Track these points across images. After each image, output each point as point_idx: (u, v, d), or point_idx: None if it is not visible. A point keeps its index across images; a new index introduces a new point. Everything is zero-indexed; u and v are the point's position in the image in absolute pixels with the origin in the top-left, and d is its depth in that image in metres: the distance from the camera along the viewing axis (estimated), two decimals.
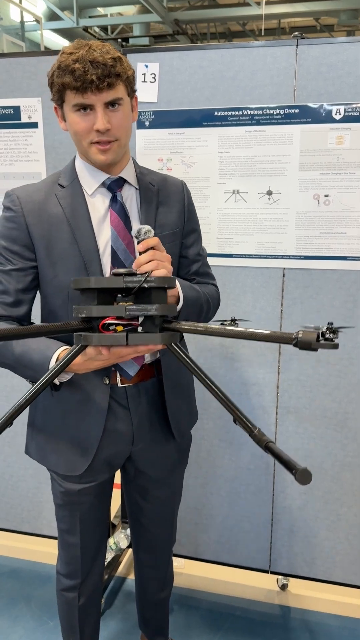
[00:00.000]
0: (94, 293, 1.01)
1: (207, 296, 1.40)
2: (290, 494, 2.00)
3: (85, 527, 1.45)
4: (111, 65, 1.13)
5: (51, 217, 1.27)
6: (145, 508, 1.53)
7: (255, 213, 1.82)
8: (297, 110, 1.72)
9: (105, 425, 1.33)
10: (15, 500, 2.28)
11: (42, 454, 1.42)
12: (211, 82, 1.77)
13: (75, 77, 1.12)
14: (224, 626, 1.98)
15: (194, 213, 1.45)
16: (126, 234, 1.28)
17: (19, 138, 1.94)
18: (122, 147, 1.24)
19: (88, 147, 1.21)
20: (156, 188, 1.35)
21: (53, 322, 1.33)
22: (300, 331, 0.89)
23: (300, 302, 1.85)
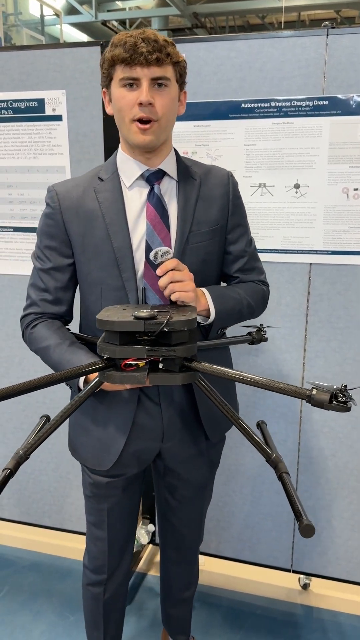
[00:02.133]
0: (116, 334, 1.03)
1: (249, 299, 1.35)
2: (314, 493, 1.98)
3: (113, 521, 1.45)
4: (162, 44, 1.14)
5: (87, 213, 1.26)
6: (173, 506, 1.51)
7: (281, 207, 1.79)
8: (327, 102, 1.69)
9: (135, 419, 1.32)
10: (37, 494, 2.29)
11: (73, 446, 1.43)
12: (238, 74, 1.74)
13: (125, 48, 1.12)
14: (245, 625, 1.96)
15: (240, 207, 1.39)
16: (162, 229, 1.25)
17: (42, 131, 1.93)
18: (162, 130, 1.20)
19: (129, 126, 1.18)
20: (198, 181, 1.31)
21: (89, 319, 1.33)
22: (314, 389, 0.94)
23: (328, 298, 1.81)
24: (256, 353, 1.93)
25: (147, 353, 1.03)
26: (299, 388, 0.97)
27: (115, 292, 1.26)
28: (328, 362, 1.86)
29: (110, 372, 1.06)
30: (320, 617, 2.00)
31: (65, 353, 1.24)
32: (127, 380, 1.05)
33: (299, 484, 1.98)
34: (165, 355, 1.03)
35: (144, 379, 1.04)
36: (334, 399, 0.93)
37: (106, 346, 1.05)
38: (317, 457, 1.94)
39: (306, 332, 1.86)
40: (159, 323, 1.01)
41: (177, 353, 1.03)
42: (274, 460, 1.02)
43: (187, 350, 1.04)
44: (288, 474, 1.00)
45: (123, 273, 1.24)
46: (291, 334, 1.88)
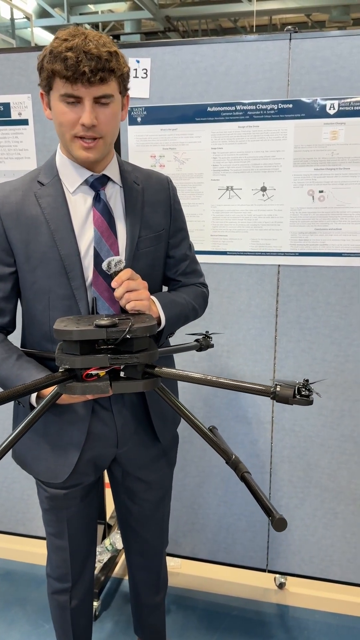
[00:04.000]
0: (76, 343, 1.02)
1: (193, 303, 1.37)
2: (287, 492, 1.99)
3: (74, 530, 1.43)
4: (106, 59, 1.08)
5: (29, 219, 1.21)
6: (134, 511, 1.50)
7: (249, 209, 1.80)
8: (291, 105, 1.71)
9: (89, 429, 1.30)
10: (10, 502, 2.26)
11: (23, 460, 1.39)
12: (204, 78, 1.75)
13: (66, 65, 1.06)
14: (221, 626, 1.97)
15: (180, 211, 1.40)
16: (110, 235, 1.23)
17: (9, 135, 1.91)
18: (107, 146, 1.18)
19: (71, 141, 1.15)
20: (141, 187, 1.30)
21: (35, 329, 1.29)
22: (278, 385, 0.97)
23: (296, 299, 1.83)
24: (228, 355, 1.94)
25: (110, 361, 1.02)
26: (263, 386, 0.99)
27: (64, 300, 1.22)
28: (298, 362, 1.88)
29: (71, 384, 1.03)
30: (297, 616, 2.01)
31: (13, 368, 1.20)
32: (89, 391, 1.03)
33: (272, 484, 2.00)
34: (129, 362, 1.03)
35: (108, 389, 1.03)
36: (298, 393, 0.96)
37: (65, 357, 1.02)
38: (289, 456, 1.96)
39: (276, 332, 1.88)
40: (121, 330, 1.00)
41: (140, 360, 1.03)
42: (234, 461, 1.03)
43: (150, 357, 1.04)
44: (249, 473, 1.01)
45: (72, 281, 1.21)
46: (262, 335, 1.89)
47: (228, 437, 2.00)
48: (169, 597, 2.09)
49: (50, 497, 1.38)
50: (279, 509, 2.01)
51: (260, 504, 0.95)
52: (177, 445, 1.54)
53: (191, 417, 1.08)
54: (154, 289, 1.34)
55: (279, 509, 2.01)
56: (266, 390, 0.97)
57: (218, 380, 1.02)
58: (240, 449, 1.99)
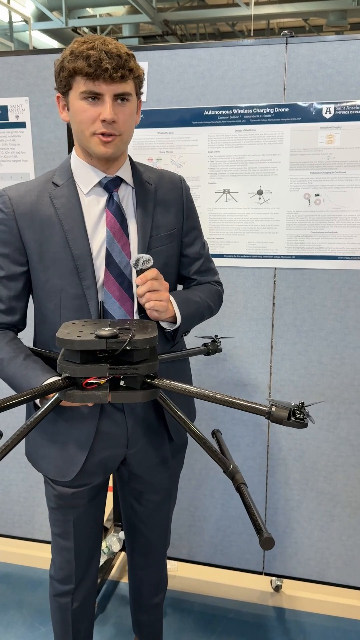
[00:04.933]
0: (77, 352, 1.02)
1: (208, 301, 1.39)
2: (284, 494, 1.99)
3: (79, 531, 1.43)
4: (125, 59, 1.13)
5: (43, 220, 1.24)
6: (140, 512, 1.51)
7: (246, 213, 1.81)
8: (287, 109, 1.72)
9: (98, 428, 1.31)
10: (7, 504, 2.26)
11: (34, 457, 1.40)
12: (201, 81, 1.76)
13: (89, 62, 1.10)
14: (217, 629, 1.96)
15: (194, 210, 1.42)
16: (122, 236, 1.25)
17: (6, 138, 1.92)
18: (124, 144, 1.22)
19: (90, 138, 1.18)
20: (153, 187, 1.32)
21: (45, 328, 1.31)
22: (273, 406, 0.97)
23: (292, 302, 1.84)
24: (224, 357, 1.95)
25: (109, 371, 1.02)
26: (259, 405, 0.99)
27: (75, 300, 1.25)
28: (294, 365, 1.89)
29: (70, 392, 1.04)
30: (293, 619, 2.01)
31: (20, 367, 1.22)
32: (88, 399, 1.04)
33: (268, 486, 2.00)
34: (128, 373, 1.03)
35: (106, 398, 1.03)
36: (292, 416, 0.96)
37: (66, 365, 1.03)
38: (286, 458, 1.96)
39: (272, 335, 1.89)
40: (121, 341, 1.00)
41: (139, 371, 1.03)
42: (231, 471, 1.03)
43: (149, 368, 1.05)
44: (245, 484, 1.01)
45: (83, 281, 1.23)
46: (258, 338, 1.90)
47: (225, 439, 2.00)
48: (166, 600, 2.08)
49: (58, 496, 1.39)
50: (276, 512, 2.01)
51: (252, 519, 0.94)
52: (186, 447, 1.54)
53: (191, 426, 1.08)
54: (169, 288, 1.36)
55: (275, 512, 2.01)
56: (262, 410, 0.98)
57: (215, 396, 1.02)
58: (237, 451, 2.00)
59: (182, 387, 1.05)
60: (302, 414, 0.96)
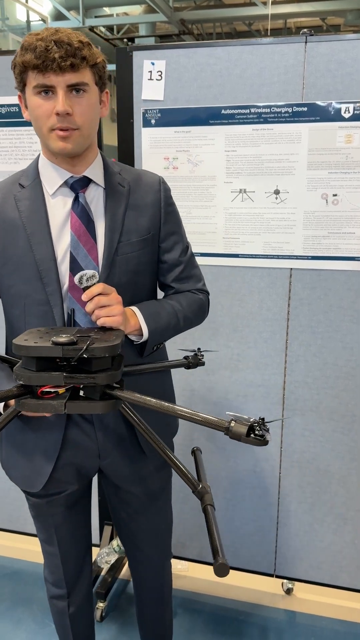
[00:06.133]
0: (33, 359, 0.98)
1: (184, 311, 1.30)
2: (297, 497, 1.98)
3: (62, 536, 1.40)
4: (77, 47, 1.05)
5: (7, 223, 1.18)
6: (131, 525, 1.45)
7: (262, 212, 1.80)
8: (306, 108, 1.70)
9: (67, 437, 1.26)
10: (18, 501, 2.27)
11: (6, 466, 1.36)
12: (218, 80, 1.75)
13: (36, 54, 1.04)
14: (228, 630, 1.96)
15: (173, 214, 1.33)
16: (88, 239, 1.19)
17: (23, 136, 1.92)
18: (84, 138, 1.14)
19: (48, 134, 1.12)
20: (127, 189, 1.25)
21: (13, 334, 1.27)
22: (232, 421, 0.93)
23: (308, 303, 1.82)
24: (238, 358, 1.94)
25: (65, 380, 0.98)
26: (218, 420, 0.96)
27: (40, 306, 1.19)
28: (309, 366, 1.87)
29: (25, 400, 1.00)
30: (304, 622, 2.00)
31: None
32: (43, 409, 1.00)
33: (280, 488, 1.99)
34: (85, 382, 0.99)
35: (62, 407, 0.99)
36: (252, 432, 0.92)
37: (22, 372, 0.99)
38: (299, 460, 1.95)
39: (287, 336, 1.87)
40: (77, 349, 0.96)
41: (97, 380, 0.98)
42: (200, 491, 1.00)
43: (109, 378, 1.00)
44: (213, 506, 0.98)
45: (47, 287, 1.18)
46: (272, 338, 1.88)
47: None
48: (176, 600, 2.08)
49: (33, 505, 1.36)
50: (288, 514, 2.00)
51: (211, 541, 0.90)
52: None
53: (157, 442, 1.04)
54: (141, 295, 1.29)
55: (287, 514, 2.00)
56: (220, 425, 0.94)
57: (173, 407, 0.99)
58: (249, 453, 1.99)
59: (142, 399, 1.00)
60: (261, 431, 0.92)
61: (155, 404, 1.00)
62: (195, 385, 1.99)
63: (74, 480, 1.32)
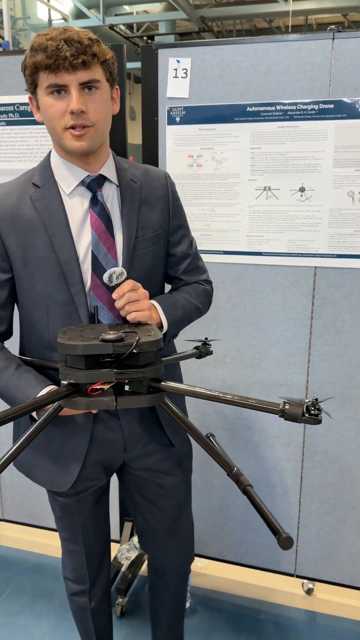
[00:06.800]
0: (81, 358, 0.99)
1: (196, 302, 1.34)
2: (318, 497, 1.97)
3: (87, 534, 1.41)
4: (87, 45, 1.05)
5: (26, 224, 1.17)
6: (150, 522, 1.45)
7: (286, 210, 1.79)
8: (332, 105, 1.68)
9: (94, 435, 1.27)
10: (40, 495, 2.29)
11: (27, 467, 1.36)
12: (244, 77, 1.74)
13: (47, 54, 1.04)
14: (247, 629, 1.95)
15: (180, 208, 1.35)
16: (108, 238, 1.19)
17: (39, 135, 1.93)
18: (99, 135, 1.14)
19: (62, 134, 1.11)
20: (138, 185, 1.26)
21: (34, 336, 1.26)
22: (286, 403, 0.95)
23: (332, 302, 1.81)
24: (260, 357, 1.93)
25: (116, 376, 0.99)
26: (271, 403, 0.97)
27: (64, 307, 1.19)
28: (333, 366, 1.85)
29: (75, 399, 1.01)
30: (324, 623, 1.99)
31: (12, 378, 1.17)
32: (95, 406, 1.01)
33: (302, 488, 1.97)
34: (135, 377, 1.00)
35: (113, 404, 1.00)
36: (307, 412, 0.94)
37: (70, 371, 0.99)
38: (321, 460, 1.93)
39: (311, 335, 1.86)
40: (127, 345, 0.97)
41: (146, 374, 1.00)
42: (235, 473, 1.01)
43: (156, 371, 1.02)
44: (251, 486, 0.98)
45: (71, 287, 1.18)
46: (296, 337, 1.87)
47: (259, 439, 1.99)
48: (195, 598, 2.08)
49: (62, 506, 1.37)
50: (309, 514, 1.99)
51: (265, 520, 0.91)
52: (191, 451, 1.48)
53: (195, 430, 1.05)
54: (155, 289, 1.31)
55: (309, 514, 1.99)
56: (275, 408, 0.95)
57: (225, 397, 0.99)
58: (271, 452, 1.98)
59: (190, 389, 1.02)
60: (316, 410, 0.94)
61: (203, 393, 1.02)
62: (217, 383, 1.99)
63: (101, 475, 1.34)
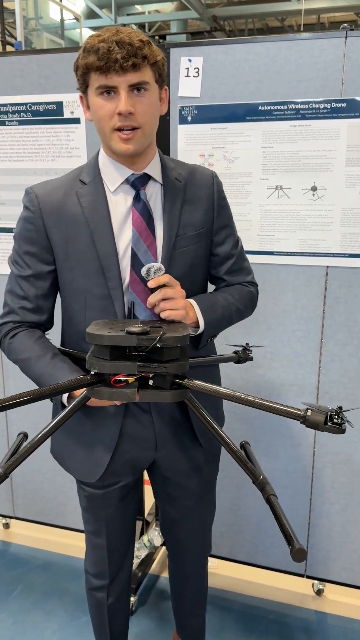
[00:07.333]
0: (107, 348, 1.00)
1: (237, 304, 1.34)
2: (329, 497, 1.96)
3: (111, 529, 1.42)
4: (138, 47, 1.07)
5: (70, 218, 1.21)
6: (175, 518, 1.47)
7: (298, 209, 1.78)
8: (345, 104, 1.67)
9: (124, 429, 1.29)
10: (51, 493, 2.30)
11: (61, 456, 1.39)
12: (256, 76, 1.74)
13: (98, 56, 1.06)
14: (257, 629, 1.95)
15: (226, 207, 1.36)
16: (148, 235, 1.21)
17: (61, 134, 1.94)
18: (146, 137, 1.16)
19: (110, 135, 1.14)
20: (183, 184, 1.27)
21: (72, 328, 1.29)
22: (309, 410, 0.93)
23: (344, 301, 1.80)
24: (271, 356, 1.92)
25: (139, 369, 1.00)
26: (293, 409, 0.96)
27: (101, 300, 1.22)
28: (344, 366, 1.85)
29: (99, 388, 1.03)
30: (334, 624, 1.98)
31: (47, 366, 1.20)
32: (116, 397, 1.02)
33: (313, 489, 1.97)
34: (157, 371, 1.01)
35: (134, 396, 1.01)
36: (329, 420, 0.92)
37: (96, 361, 1.01)
38: (332, 461, 1.92)
39: (322, 335, 1.85)
40: (151, 338, 0.98)
41: (169, 370, 1.01)
42: (261, 482, 1.01)
43: (179, 367, 1.02)
44: (275, 496, 0.98)
45: (109, 281, 1.20)
46: (307, 337, 1.87)
47: (270, 440, 1.98)
48: None
49: (89, 497, 1.38)
50: (320, 514, 1.98)
51: (282, 530, 0.90)
52: (220, 451, 1.49)
53: (219, 432, 1.05)
54: (195, 288, 1.31)
55: (319, 514, 1.98)
56: (296, 414, 0.94)
57: (247, 398, 0.99)
58: (282, 453, 1.97)
59: (213, 389, 1.02)
60: (339, 419, 0.92)
61: (226, 393, 1.01)
62: (227, 383, 1.98)
63: (129, 472, 1.35)
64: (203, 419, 1.07)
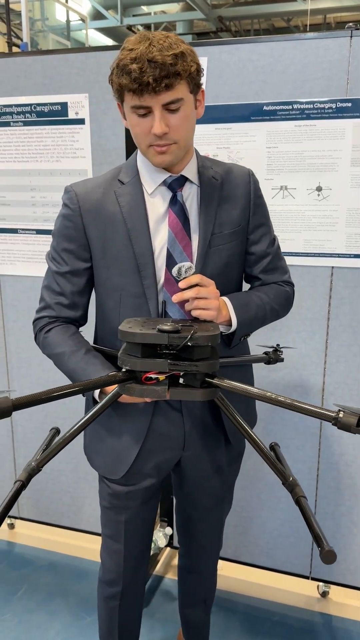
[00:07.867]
0: (138, 346, 1.02)
1: (272, 303, 1.33)
2: (334, 500, 1.95)
3: (130, 533, 1.41)
4: (170, 64, 1.05)
5: (108, 217, 1.24)
6: (193, 517, 1.48)
7: (303, 210, 1.77)
8: (350, 104, 1.67)
9: (153, 426, 1.29)
10: (56, 494, 2.30)
11: (88, 452, 1.41)
12: (260, 76, 1.73)
13: (131, 78, 1.06)
14: (262, 631, 1.94)
15: (262, 206, 1.35)
16: (184, 236, 1.23)
17: (65, 134, 1.94)
18: (181, 149, 1.17)
19: (146, 150, 1.16)
20: (219, 182, 1.28)
21: (106, 325, 1.32)
22: (340, 411, 0.91)
23: (349, 302, 1.79)
24: None
25: (169, 367, 1.01)
26: (325, 410, 0.94)
27: (135, 299, 1.24)
28: (349, 367, 1.84)
29: (130, 385, 1.04)
30: (339, 626, 1.97)
31: (80, 362, 1.22)
32: (147, 394, 1.03)
33: (318, 490, 1.96)
34: (188, 370, 1.02)
35: (165, 393, 1.02)
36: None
37: (127, 358, 1.03)
38: (337, 463, 1.91)
39: (327, 336, 1.84)
40: (182, 337, 0.99)
41: (199, 368, 1.01)
42: (290, 483, 1.00)
43: (210, 366, 1.03)
44: (305, 497, 0.97)
45: (144, 280, 1.22)
46: (312, 338, 1.86)
47: (275, 440, 1.97)
48: None
49: (112, 494, 1.37)
50: (325, 517, 1.97)
51: (312, 531, 0.90)
52: (243, 452, 1.49)
53: (250, 432, 1.06)
54: (230, 287, 1.32)
55: (325, 516, 1.97)
56: (328, 416, 0.93)
57: (277, 399, 0.98)
58: (286, 454, 1.96)
59: (243, 388, 1.02)
60: None
61: (257, 393, 1.01)
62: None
63: (153, 472, 1.35)
64: (233, 418, 1.08)
